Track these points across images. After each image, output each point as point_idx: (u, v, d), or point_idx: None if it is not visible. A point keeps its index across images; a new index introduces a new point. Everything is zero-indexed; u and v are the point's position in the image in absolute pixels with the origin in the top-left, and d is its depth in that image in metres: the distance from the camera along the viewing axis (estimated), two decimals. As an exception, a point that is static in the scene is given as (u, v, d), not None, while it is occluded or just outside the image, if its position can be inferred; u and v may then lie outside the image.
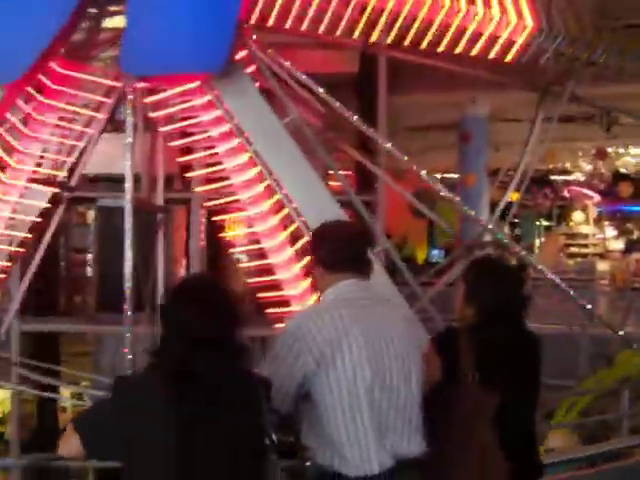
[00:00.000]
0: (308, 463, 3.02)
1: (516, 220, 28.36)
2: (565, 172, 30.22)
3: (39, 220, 9.39)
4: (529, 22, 8.42)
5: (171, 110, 8.28)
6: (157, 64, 7.81)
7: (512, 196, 11.40)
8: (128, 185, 8.10)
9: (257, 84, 8.21)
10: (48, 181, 9.19)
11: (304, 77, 8.59)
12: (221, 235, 9.10)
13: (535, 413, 4.12)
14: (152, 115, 8.54)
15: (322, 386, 3.27)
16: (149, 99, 8.37)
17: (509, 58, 8.56)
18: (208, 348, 2.97)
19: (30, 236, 9.40)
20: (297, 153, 8.02)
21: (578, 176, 30.84)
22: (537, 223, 33.06)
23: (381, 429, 3.29)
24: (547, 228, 34.01)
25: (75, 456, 3.20)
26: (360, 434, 3.25)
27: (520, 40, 8.43)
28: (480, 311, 3.88)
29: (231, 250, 8.93)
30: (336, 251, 3.50)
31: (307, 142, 8.33)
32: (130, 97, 8.21)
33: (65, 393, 11.54)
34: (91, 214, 13.29)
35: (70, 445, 3.13)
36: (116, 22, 9.44)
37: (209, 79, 7.91)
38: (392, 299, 5.02)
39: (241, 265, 8.58)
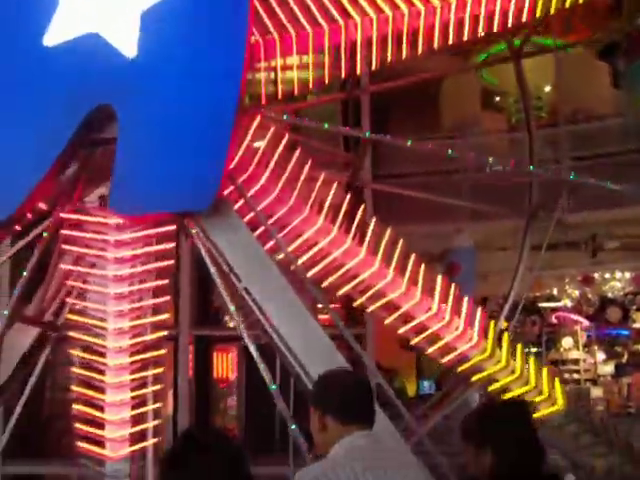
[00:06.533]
0: None
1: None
2: (552, 298, 30.28)
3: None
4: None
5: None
6: (147, 204, 7.86)
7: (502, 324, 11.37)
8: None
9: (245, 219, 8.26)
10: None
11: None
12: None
13: None
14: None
15: None
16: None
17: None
18: None
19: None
20: (286, 288, 8.01)
21: (566, 302, 30.86)
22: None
23: None
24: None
25: None
26: None
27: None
28: (499, 460, 3.47)
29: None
30: (348, 401, 3.38)
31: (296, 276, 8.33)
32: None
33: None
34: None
35: None
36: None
37: (197, 215, 8.00)
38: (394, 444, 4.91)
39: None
